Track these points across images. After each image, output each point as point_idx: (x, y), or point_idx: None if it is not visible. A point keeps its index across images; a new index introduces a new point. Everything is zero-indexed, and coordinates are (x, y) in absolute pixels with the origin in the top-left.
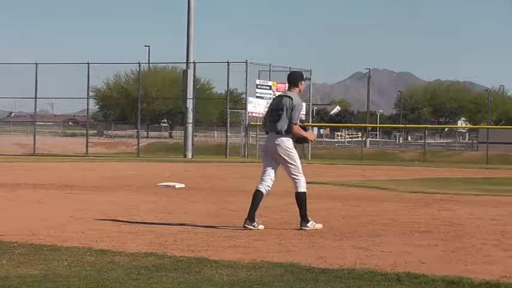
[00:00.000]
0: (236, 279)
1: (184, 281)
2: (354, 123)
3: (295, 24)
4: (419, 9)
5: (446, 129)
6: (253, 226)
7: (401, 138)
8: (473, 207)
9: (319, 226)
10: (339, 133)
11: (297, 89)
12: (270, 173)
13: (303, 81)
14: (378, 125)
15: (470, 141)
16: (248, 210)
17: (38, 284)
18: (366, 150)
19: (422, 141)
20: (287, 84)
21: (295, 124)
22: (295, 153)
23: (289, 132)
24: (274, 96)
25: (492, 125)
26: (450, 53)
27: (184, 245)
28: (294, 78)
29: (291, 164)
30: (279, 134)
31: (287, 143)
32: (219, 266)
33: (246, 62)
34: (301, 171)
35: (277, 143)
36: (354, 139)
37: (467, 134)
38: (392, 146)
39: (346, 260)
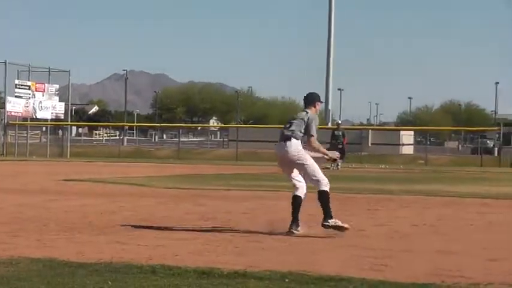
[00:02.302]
0: None
1: None
2: (111, 123)
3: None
4: (174, 10)
5: (199, 128)
6: (298, 231)
7: (157, 137)
8: (225, 201)
9: (345, 225)
10: (97, 132)
11: (313, 109)
12: (296, 176)
13: (319, 102)
14: (135, 124)
15: (222, 139)
16: (291, 216)
17: None
18: (123, 148)
19: (177, 139)
20: (304, 104)
21: (313, 136)
22: (305, 154)
23: (298, 139)
24: None
25: (241, 124)
26: (203, 55)
27: None
28: (311, 98)
29: (304, 164)
30: (288, 139)
31: (295, 146)
32: None
33: (5, 63)
34: (318, 170)
35: (285, 148)
36: (111, 138)
37: (218, 132)
38: (149, 144)
39: (103, 254)
